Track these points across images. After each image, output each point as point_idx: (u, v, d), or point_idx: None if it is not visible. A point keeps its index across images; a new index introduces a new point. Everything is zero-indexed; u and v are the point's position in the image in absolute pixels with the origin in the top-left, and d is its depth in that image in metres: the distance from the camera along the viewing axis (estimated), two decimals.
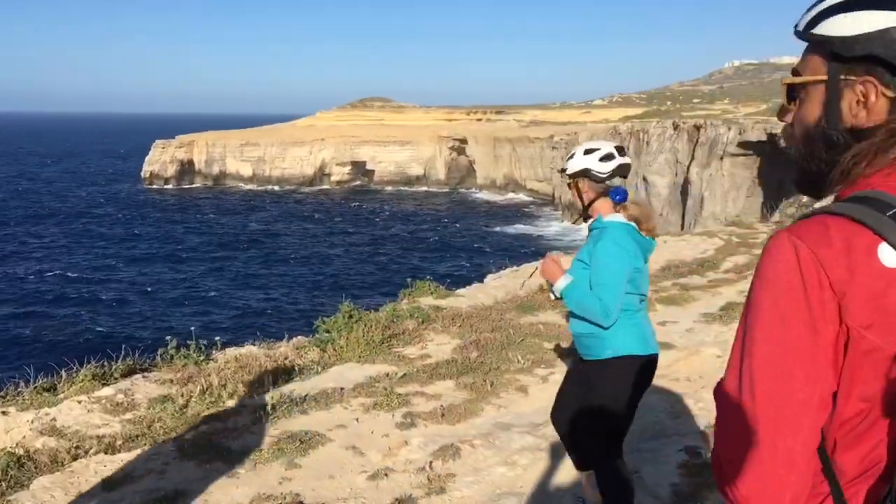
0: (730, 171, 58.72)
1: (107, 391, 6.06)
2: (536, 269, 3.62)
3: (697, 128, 65.40)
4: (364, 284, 46.53)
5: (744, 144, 59.79)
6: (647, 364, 3.46)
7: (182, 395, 5.86)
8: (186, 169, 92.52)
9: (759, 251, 10.52)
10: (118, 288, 43.90)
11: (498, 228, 73.82)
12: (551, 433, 4.85)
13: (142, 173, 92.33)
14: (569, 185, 3.47)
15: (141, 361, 6.81)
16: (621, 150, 3.37)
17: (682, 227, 59.59)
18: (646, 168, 66.44)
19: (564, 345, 6.54)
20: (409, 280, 9.68)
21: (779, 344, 1.12)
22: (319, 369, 6.16)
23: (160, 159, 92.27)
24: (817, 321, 1.11)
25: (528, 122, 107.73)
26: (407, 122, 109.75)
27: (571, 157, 3.40)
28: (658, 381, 5.68)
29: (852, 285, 1.09)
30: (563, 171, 3.42)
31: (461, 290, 9.47)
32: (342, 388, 5.70)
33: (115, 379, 6.42)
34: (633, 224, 3.36)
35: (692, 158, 62.69)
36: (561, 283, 3.33)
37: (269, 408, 5.22)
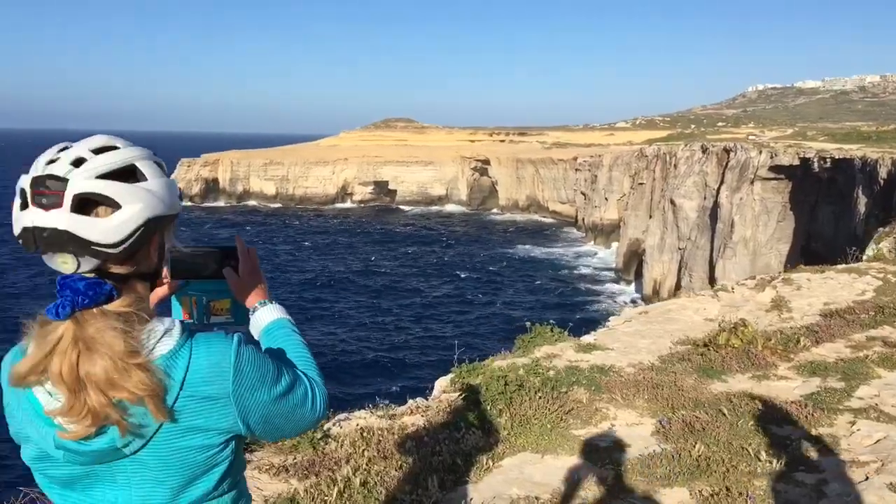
0: (760, 195, 57.25)
1: None
2: None
3: (727, 151, 63.74)
4: (437, 317, 44.00)
5: (775, 168, 58.15)
6: None
7: (311, 498, 4.31)
8: (211, 187, 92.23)
9: None
10: None
11: (533, 252, 72.86)
12: None
13: None
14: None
15: None
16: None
17: (712, 252, 58.05)
18: (673, 191, 64.80)
19: (793, 429, 4.94)
20: (527, 324, 8.12)
21: None
22: (490, 463, 4.59)
23: (185, 177, 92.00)
24: None
25: (551, 143, 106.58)
26: (430, 142, 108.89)
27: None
28: None
29: None
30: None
31: (590, 338, 7.89)
32: (537, 499, 4.13)
33: None
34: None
35: (721, 182, 61.03)
36: None
37: None
